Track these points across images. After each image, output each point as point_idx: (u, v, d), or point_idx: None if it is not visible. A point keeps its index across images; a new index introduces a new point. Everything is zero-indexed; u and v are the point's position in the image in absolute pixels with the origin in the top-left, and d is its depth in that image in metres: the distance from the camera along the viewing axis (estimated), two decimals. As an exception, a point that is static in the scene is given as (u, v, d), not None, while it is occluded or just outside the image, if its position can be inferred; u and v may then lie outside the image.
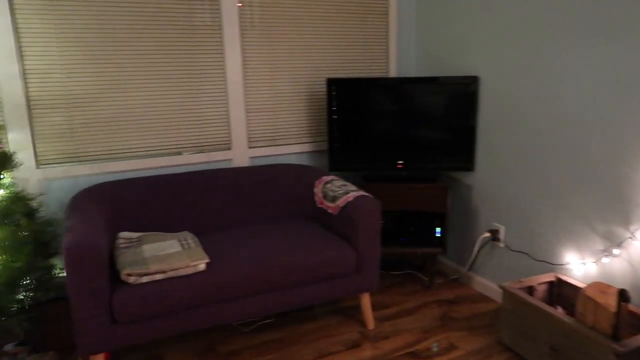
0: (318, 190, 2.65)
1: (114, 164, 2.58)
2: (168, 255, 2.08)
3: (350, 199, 2.39)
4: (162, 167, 2.70)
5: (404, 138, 2.86)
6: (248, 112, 2.89)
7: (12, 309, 2.01)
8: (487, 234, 2.76)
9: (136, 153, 2.66)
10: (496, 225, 2.72)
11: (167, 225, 2.53)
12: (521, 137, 2.51)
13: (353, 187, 2.50)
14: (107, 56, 2.51)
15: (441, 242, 2.86)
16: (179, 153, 2.77)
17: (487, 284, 2.84)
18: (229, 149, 2.87)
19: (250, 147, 2.92)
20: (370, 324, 2.51)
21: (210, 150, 2.83)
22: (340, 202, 2.43)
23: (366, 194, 2.42)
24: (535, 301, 2.10)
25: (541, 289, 2.32)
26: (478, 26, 2.70)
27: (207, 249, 2.27)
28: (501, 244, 2.70)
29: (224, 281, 2.06)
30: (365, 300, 2.47)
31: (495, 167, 2.69)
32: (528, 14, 2.39)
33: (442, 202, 2.80)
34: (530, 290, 2.30)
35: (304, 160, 3.09)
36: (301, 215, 2.78)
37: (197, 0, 2.64)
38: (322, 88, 3.07)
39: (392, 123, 2.85)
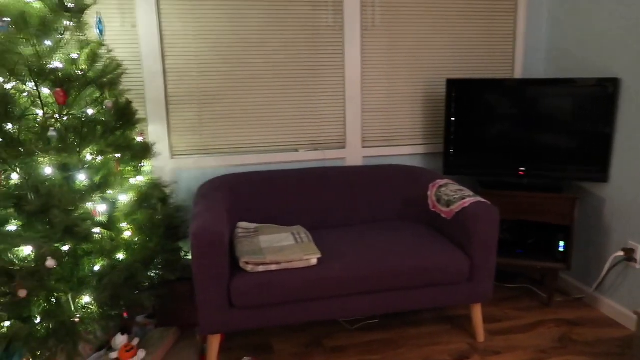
0: (432, 193, 2.59)
1: (236, 158, 2.75)
2: (283, 247, 2.17)
3: (467, 204, 2.30)
4: (279, 162, 2.82)
5: (527, 143, 2.68)
6: (364, 112, 2.91)
7: (145, 284, 2.23)
8: (621, 253, 2.49)
9: (257, 148, 2.80)
10: (632, 244, 2.45)
11: (281, 218, 2.63)
12: (669, 147, 2.23)
13: (469, 193, 2.40)
14: (236, 56, 2.67)
15: (565, 257, 2.64)
16: (296, 150, 2.86)
17: (617, 308, 2.56)
18: (343, 147, 2.91)
19: (364, 147, 2.94)
20: (481, 336, 2.39)
21: (325, 148, 2.89)
22: (456, 207, 2.35)
23: (484, 200, 2.31)
24: (679, 333, 1.86)
25: (686, 320, 2.05)
26: (622, 23, 2.44)
27: (318, 245, 2.32)
28: (637, 265, 2.42)
29: (334, 277, 2.10)
30: (477, 311, 2.36)
31: (636, 179, 2.42)
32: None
33: (569, 215, 2.57)
34: (673, 320, 2.03)
35: (417, 162, 3.04)
36: (412, 218, 2.73)
37: (321, 3, 2.71)
38: (441, 89, 2.99)
39: (516, 127, 2.69)
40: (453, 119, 2.76)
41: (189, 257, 2.56)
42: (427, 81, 2.96)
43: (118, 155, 2.10)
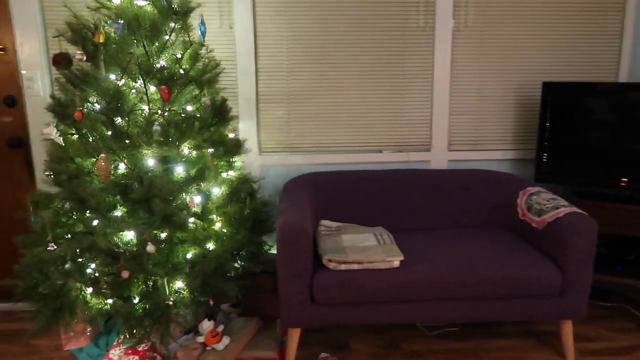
0: (521, 201, 2.48)
1: (321, 157, 2.79)
2: (365, 247, 2.18)
3: (561, 214, 2.18)
4: (363, 162, 2.83)
5: (631, 152, 2.49)
6: (451, 114, 2.84)
7: (230, 274, 2.33)
8: None
9: (341, 147, 2.83)
10: None
11: (362, 218, 2.64)
12: None
13: (564, 202, 2.27)
14: (325, 57, 2.71)
15: (670, 278, 2.43)
16: (380, 151, 2.86)
17: None
18: (428, 150, 2.86)
19: (449, 150, 2.87)
20: (570, 355, 2.25)
21: (409, 151, 2.86)
22: (548, 216, 2.23)
23: (580, 211, 2.17)
24: None
25: None
26: None
27: (400, 247, 2.30)
28: None
29: (415, 281, 2.07)
30: (567, 328, 2.23)
31: None
32: None
33: (677, 232, 2.36)
34: None
35: (505, 168, 2.92)
36: (498, 226, 2.63)
37: (413, 3, 2.68)
38: (535, 92, 2.85)
39: (618, 134, 2.50)
40: (548, 124, 2.62)
41: (272, 251, 2.64)
42: (520, 84, 2.83)
43: (211, 150, 2.21)
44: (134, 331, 2.04)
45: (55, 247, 1.98)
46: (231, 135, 2.39)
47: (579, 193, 2.69)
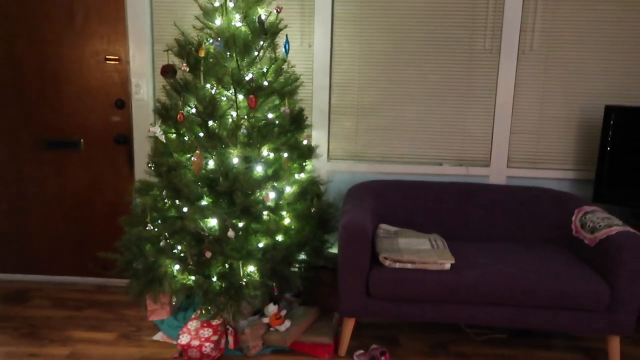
0: (576, 218, 2.57)
1: (385, 166, 3.01)
2: (419, 250, 2.37)
3: (612, 233, 2.26)
4: (423, 174, 3.02)
5: (694, 179, 2.51)
6: (512, 133, 2.97)
7: (295, 266, 2.59)
8: None
9: (404, 159, 3.04)
10: None
11: (419, 225, 2.82)
12: None
13: (618, 222, 2.35)
14: (394, 75, 2.95)
15: None
16: (440, 164, 3.03)
17: None
18: (487, 165, 3.00)
19: (509, 167, 3.00)
20: (617, 372, 2.31)
21: (469, 165, 3.02)
22: (600, 234, 2.32)
23: (633, 230, 2.25)
24: None
25: None
26: None
27: (454, 254, 2.47)
28: None
29: (465, 284, 2.23)
30: (614, 345, 2.29)
31: None
32: None
33: None
34: None
35: (563, 187, 3.00)
36: (553, 242, 2.72)
37: (480, 27, 2.86)
38: (597, 115, 2.92)
39: (681, 160, 2.54)
40: (608, 147, 2.69)
41: (332, 250, 2.88)
42: (583, 107, 2.92)
43: (286, 154, 2.49)
44: (210, 307, 2.35)
45: (152, 227, 2.34)
46: (305, 142, 2.67)
47: (638, 215, 2.73)
